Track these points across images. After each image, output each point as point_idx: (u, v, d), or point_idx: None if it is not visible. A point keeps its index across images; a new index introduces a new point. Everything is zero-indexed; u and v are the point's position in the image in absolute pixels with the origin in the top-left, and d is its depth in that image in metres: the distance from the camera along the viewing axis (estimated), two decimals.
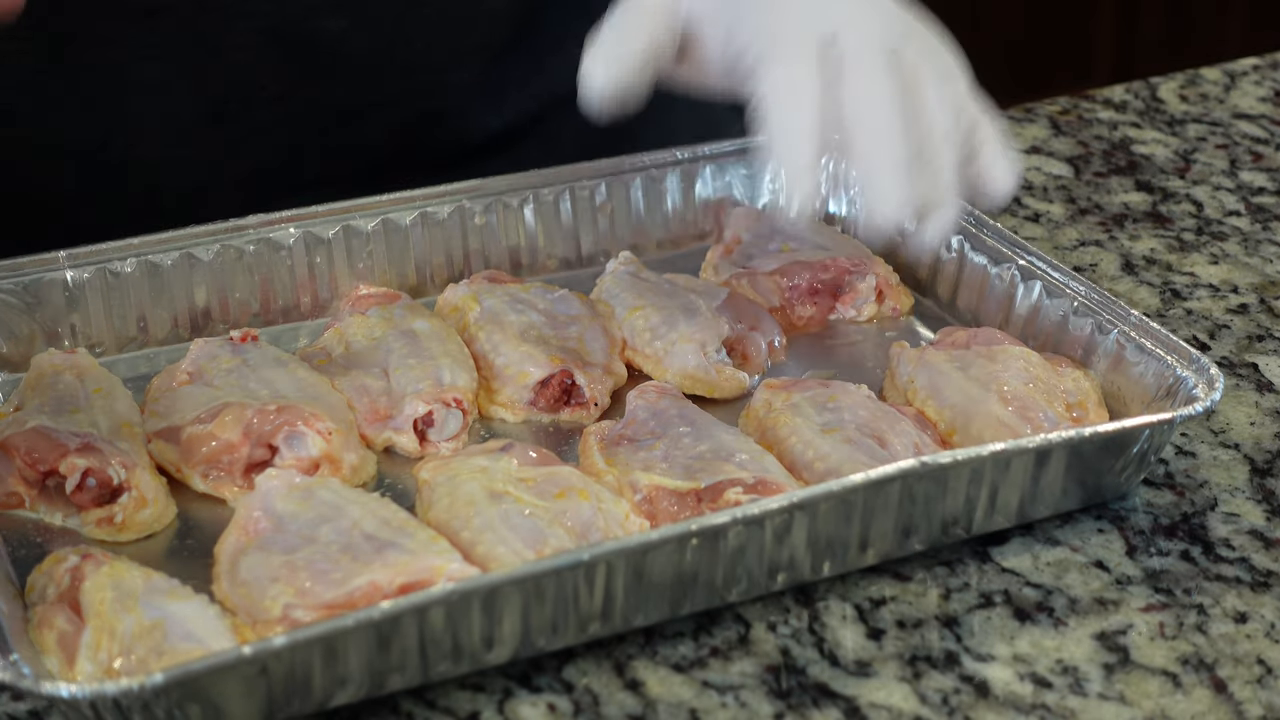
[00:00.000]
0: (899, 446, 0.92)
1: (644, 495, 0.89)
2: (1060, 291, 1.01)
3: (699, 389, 1.00)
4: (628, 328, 1.02)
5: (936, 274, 1.09)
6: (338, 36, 1.12)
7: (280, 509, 0.86)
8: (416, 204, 1.08)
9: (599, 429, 0.95)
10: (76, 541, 0.89)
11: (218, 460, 0.92)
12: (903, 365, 0.98)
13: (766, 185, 1.15)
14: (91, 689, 0.74)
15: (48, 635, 0.81)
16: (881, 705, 0.82)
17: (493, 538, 0.85)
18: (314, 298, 1.06)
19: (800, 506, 0.84)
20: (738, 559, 0.84)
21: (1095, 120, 1.34)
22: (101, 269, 1.02)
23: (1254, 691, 0.83)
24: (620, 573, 0.82)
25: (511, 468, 0.89)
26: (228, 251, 1.04)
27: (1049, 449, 0.88)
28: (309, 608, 0.81)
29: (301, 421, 0.92)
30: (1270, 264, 1.15)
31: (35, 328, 1.01)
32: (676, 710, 0.81)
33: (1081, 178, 1.26)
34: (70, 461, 0.89)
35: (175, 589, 0.82)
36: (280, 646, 0.76)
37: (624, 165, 1.12)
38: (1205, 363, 0.92)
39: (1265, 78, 1.40)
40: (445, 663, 0.80)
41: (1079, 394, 0.96)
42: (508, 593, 0.80)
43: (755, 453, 0.91)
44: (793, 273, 1.07)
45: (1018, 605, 0.87)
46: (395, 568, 0.82)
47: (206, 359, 0.98)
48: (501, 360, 0.99)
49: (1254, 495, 0.94)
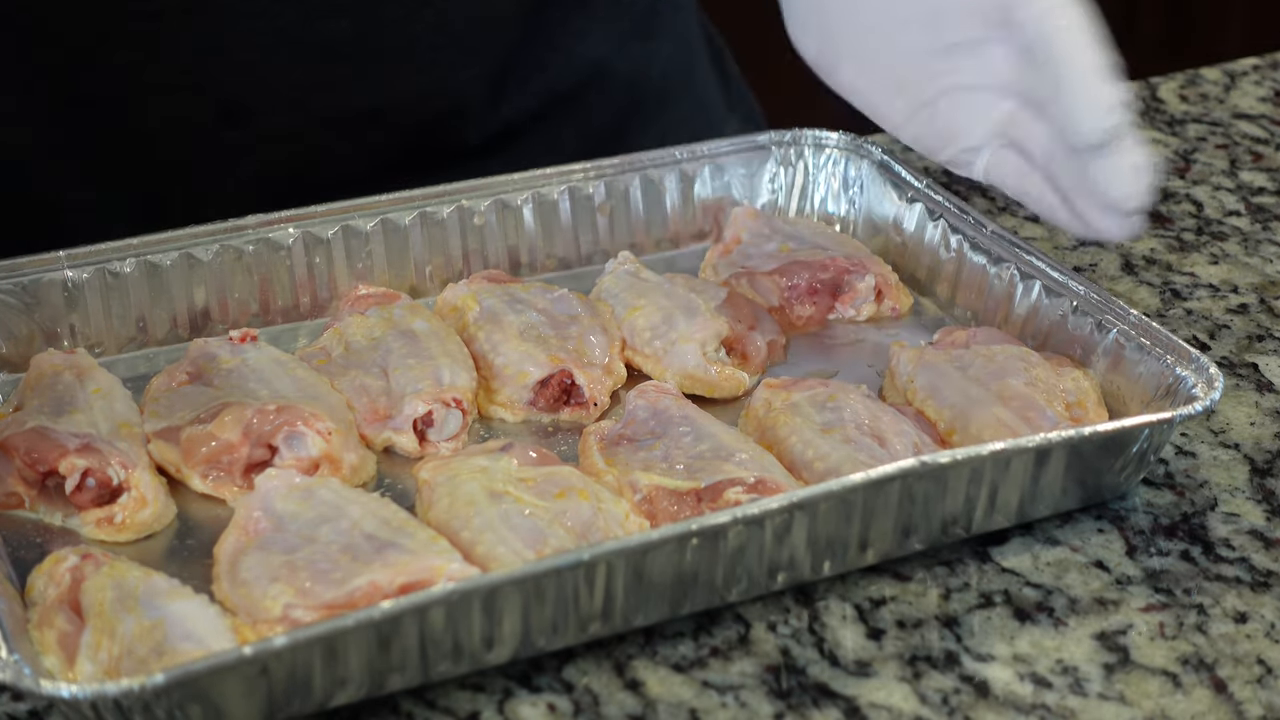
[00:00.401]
0: (899, 446, 0.92)
1: (644, 495, 0.89)
2: (1059, 291, 1.01)
3: (698, 389, 1.00)
4: (627, 327, 1.02)
5: (935, 274, 1.09)
6: (343, 38, 1.12)
7: (280, 509, 0.86)
8: (416, 204, 1.08)
9: (598, 429, 0.95)
10: (76, 542, 0.89)
11: (217, 460, 0.92)
12: (902, 365, 0.98)
13: (766, 185, 1.15)
14: (92, 689, 0.74)
15: (48, 635, 0.81)
16: (881, 705, 0.82)
17: (493, 538, 0.85)
18: (313, 298, 1.06)
19: (800, 506, 0.84)
20: (738, 559, 0.84)
21: None
22: (101, 269, 1.02)
23: (1254, 691, 0.83)
24: (620, 573, 0.81)
25: (511, 468, 0.89)
26: (227, 252, 1.04)
27: (1049, 449, 0.88)
28: (309, 608, 0.81)
29: (301, 421, 0.92)
30: (1270, 264, 1.15)
31: (34, 328, 1.01)
32: (676, 710, 0.81)
33: None
34: (70, 461, 0.89)
35: (175, 589, 0.82)
36: (281, 646, 0.76)
37: (623, 165, 1.12)
38: (1205, 362, 0.92)
39: (1265, 78, 1.40)
40: (445, 663, 0.80)
41: (1078, 393, 0.96)
42: (508, 593, 0.80)
43: (755, 452, 0.91)
44: (792, 272, 1.07)
45: (1018, 605, 0.87)
46: (395, 568, 0.82)
47: (206, 359, 0.98)
48: (501, 360, 0.99)
49: (1254, 495, 0.94)
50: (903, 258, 1.11)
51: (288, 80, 1.12)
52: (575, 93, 1.23)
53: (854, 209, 1.14)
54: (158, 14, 1.08)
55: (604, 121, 1.25)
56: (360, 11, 1.12)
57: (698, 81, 1.31)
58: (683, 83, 1.29)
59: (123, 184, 1.14)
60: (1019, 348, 0.99)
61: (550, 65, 1.21)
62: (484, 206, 1.09)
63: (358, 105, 1.15)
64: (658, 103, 1.27)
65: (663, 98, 1.28)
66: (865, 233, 1.14)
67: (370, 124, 1.16)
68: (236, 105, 1.13)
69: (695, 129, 1.23)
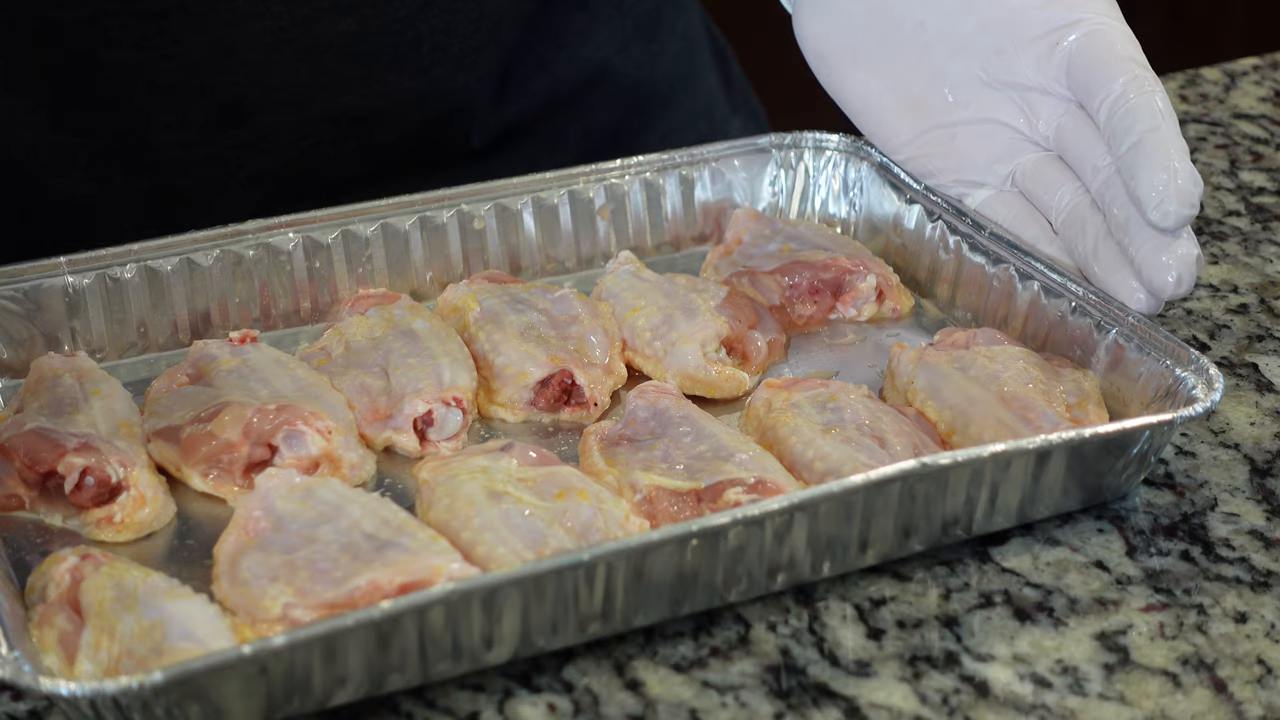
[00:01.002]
0: (899, 447, 0.91)
1: (644, 495, 0.89)
2: (1059, 291, 1.01)
3: (699, 389, 1.00)
4: (627, 328, 1.02)
5: (936, 274, 1.09)
6: (346, 39, 1.13)
7: (280, 508, 0.86)
8: (416, 208, 1.08)
9: (599, 429, 0.95)
10: (76, 542, 0.89)
11: (217, 460, 0.92)
12: (902, 366, 0.98)
13: (767, 187, 1.15)
14: (91, 687, 0.74)
15: (48, 634, 0.81)
16: (881, 705, 0.81)
17: (493, 538, 0.85)
18: (314, 303, 1.06)
19: (800, 507, 0.83)
20: (738, 559, 0.84)
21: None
22: (101, 275, 1.02)
23: (1254, 691, 0.82)
24: (620, 573, 0.81)
25: (511, 468, 0.89)
26: (227, 257, 1.04)
27: (1049, 450, 0.88)
28: (309, 607, 0.81)
29: (301, 421, 0.92)
30: (1270, 264, 1.15)
31: (36, 333, 1.01)
32: (676, 710, 0.81)
33: None
34: (68, 461, 0.89)
35: (175, 588, 0.82)
36: (280, 646, 0.76)
37: (623, 169, 1.12)
38: (1205, 363, 0.92)
39: (1265, 78, 1.40)
40: (445, 662, 0.80)
41: (1079, 394, 0.96)
42: (508, 593, 0.80)
43: (755, 453, 0.91)
44: (793, 272, 1.07)
45: (1018, 605, 0.87)
46: (395, 567, 0.82)
47: (206, 360, 0.98)
48: (501, 360, 0.99)
49: (1254, 495, 0.94)
50: (903, 259, 1.11)
51: (292, 80, 1.13)
52: (578, 93, 1.23)
53: (854, 211, 1.14)
54: (165, 13, 1.09)
55: (606, 122, 1.25)
56: (364, 12, 1.12)
57: (700, 82, 1.31)
58: (686, 83, 1.29)
59: (126, 183, 1.14)
60: (1019, 349, 0.99)
61: (553, 65, 1.21)
62: (484, 210, 1.09)
63: (361, 105, 1.16)
64: (660, 103, 1.27)
65: (665, 98, 1.28)
66: (865, 234, 1.14)
67: (374, 124, 1.17)
68: (239, 105, 1.13)
69: (698, 129, 1.24)
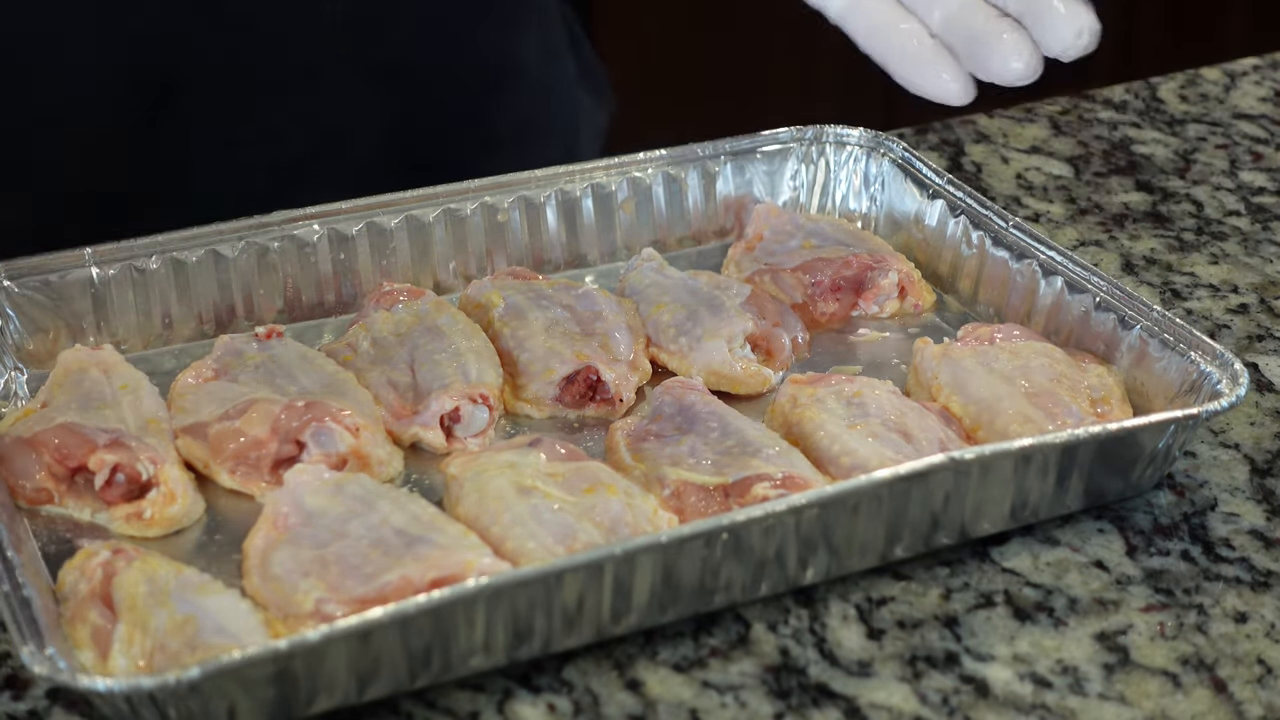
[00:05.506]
0: (924, 442, 0.92)
1: (672, 490, 0.89)
2: (1082, 287, 1.01)
3: (724, 385, 1.00)
4: (652, 324, 1.02)
5: (958, 270, 1.09)
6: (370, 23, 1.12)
7: (310, 504, 0.86)
8: (440, 200, 1.08)
9: (625, 425, 0.95)
10: (106, 537, 0.89)
11: (245, 456, 0.92)
12: (926, 361, 0.99)
13: (787, 182, 1.15)
14: (128, 683, 0.74)
15: (81, 630, 0.81)
16: (881, 705, 0.81)
17: (522, 533, 0.85)
18: (338, 294, 1.06)
19: (829, 502, 0.84)
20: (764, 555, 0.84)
21: (1095, 120, 1.33)
22: (127, 266, 1.02)
23: (1254, 691, 0.83)
24: (651, 569, 0.82)
25: (540, 463, 0.89)
26: (252, 248, 1.04)
27: (1076, 444, 0.88)
28: (341, 602, 0.81)
29: (329, 417, 0.92)
30: (1270, 264, 1.15)
31: (60, 324, 1.01)
32: (676, 710, 0.81)
33: (1081, 178, 1.25)
34: (99, 457, 0.89)
35: (206, 584, 0.82)
36: (314, 641, 0.76)
37: (645, 162, 1.13)
38: (1229, 358, 0.92)
39: (1265, 78, 1.40)
40: (477, 657, 0.81)
41: (1103, 389, 0.96)
42: (538, 588, 0.80)
43: (783, 448, 0.91)
44: (815, 269, 1.07)
45: (1018, 605, 0.87)
46: (426, 562, 0.82)
47: (232, 355, 0.98)
48: (527, 356, 0.99)
49: (1254, 495, 0.94)
50: (925, 254, 1.11)
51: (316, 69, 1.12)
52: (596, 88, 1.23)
53: (875, 206, 1.14)
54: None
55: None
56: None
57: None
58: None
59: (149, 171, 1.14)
60: (1043, 344, 0.99)
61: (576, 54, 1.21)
62: (507, 203, 1.09)
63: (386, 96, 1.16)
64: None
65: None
66: (887, 229, 1.14)
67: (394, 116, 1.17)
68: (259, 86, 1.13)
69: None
